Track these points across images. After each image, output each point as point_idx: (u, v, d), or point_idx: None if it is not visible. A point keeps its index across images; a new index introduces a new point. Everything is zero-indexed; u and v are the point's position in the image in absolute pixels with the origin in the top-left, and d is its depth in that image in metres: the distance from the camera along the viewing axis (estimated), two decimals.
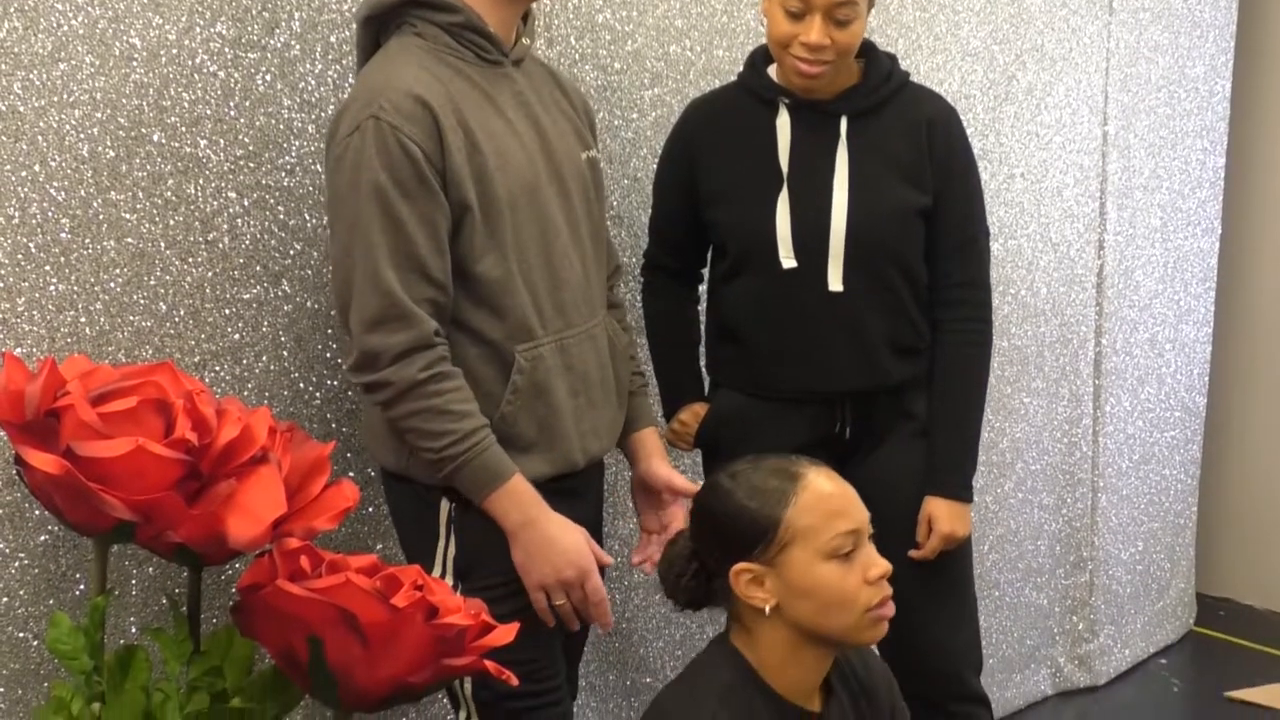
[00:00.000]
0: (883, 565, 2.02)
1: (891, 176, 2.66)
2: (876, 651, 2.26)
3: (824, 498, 2.02)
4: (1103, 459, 4.47)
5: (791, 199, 2.64)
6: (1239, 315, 5.10)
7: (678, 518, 2.57)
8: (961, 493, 2.72)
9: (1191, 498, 4.95)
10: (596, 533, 2.57)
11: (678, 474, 2.59)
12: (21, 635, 2.31)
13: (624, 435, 2.59)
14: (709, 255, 2.85)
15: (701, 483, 2.51)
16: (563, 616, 2.32)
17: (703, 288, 2.93)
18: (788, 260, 2.63)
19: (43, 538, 2.31)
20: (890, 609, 2.03)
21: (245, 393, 2.50)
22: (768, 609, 2.01)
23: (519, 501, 2.26)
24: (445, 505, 2.31)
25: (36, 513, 2.29)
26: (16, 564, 2.29)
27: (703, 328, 2.90)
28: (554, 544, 2.28)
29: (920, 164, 2.67)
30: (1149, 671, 4.69)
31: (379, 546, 2.71)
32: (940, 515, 2.69)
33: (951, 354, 2.74)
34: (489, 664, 2.08)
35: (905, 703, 2.79)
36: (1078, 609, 4.51)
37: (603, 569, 2.35)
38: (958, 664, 2.81)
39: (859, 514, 2.04)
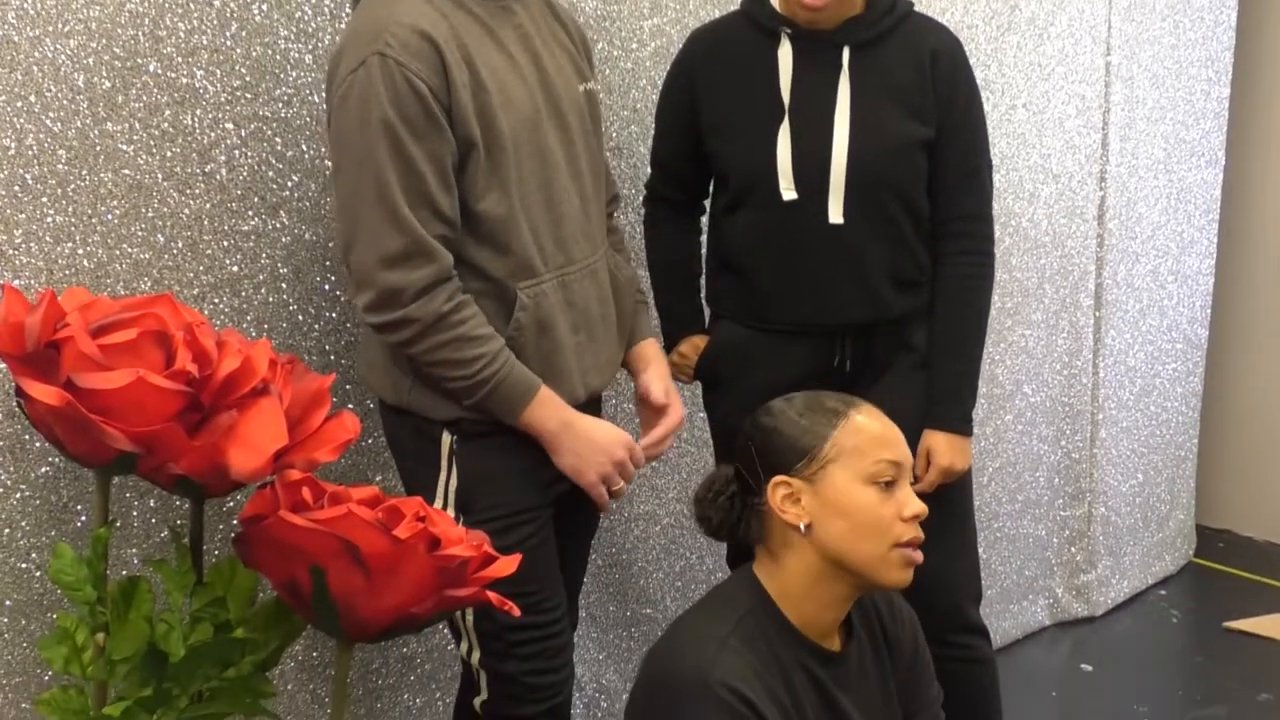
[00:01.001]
0: (919, 506, 2.04)
1: (894, 108, 2.64)
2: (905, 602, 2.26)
3: (868, 426, 2.05)
4: (1103, 391, 4.47)
5: (793, 131, 2.62)
6: (1242, 247, 5.09)
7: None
8: (961, 426, 2.72)
9: (1192, 430, 4.96)
10: None
11: (658, 384, 2.57)
12: (24, 566, 2.31)
13: (625, 348, 2.59)
14: (710, 187, 2.83)
15: (672, 403, 2.55)
16: (615, 496, 2.40)
17: (704, 220, 2.91)
18: (788, 192, 2.62)
19: (44, 469, 2.31)
20: (919, 555, 2.04)
21: (244, 325, 2.49)
22: (802, 526, 2.01)
23: (551, 409, 2.29)
24: (447, 438, 2.31)
25: (38, 445, 2.29)
26: (18, 495, 2.29)
27: (703, 260, 2.89)
28: (594, 438, 2.34)
29: (923, 96, 2.65)
30: (1148, 602, 4.72)
31: (379, 478, 2.71)
32: (939, 449, 2.69)
33: (952, 286, 2.73)
34: (491, 595, 2.08)
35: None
36: (1076, 540, 4.53)
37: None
38: (956, 595, 2.82)
39: (904, 451, 2.06)
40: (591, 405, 2.51)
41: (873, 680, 2.12)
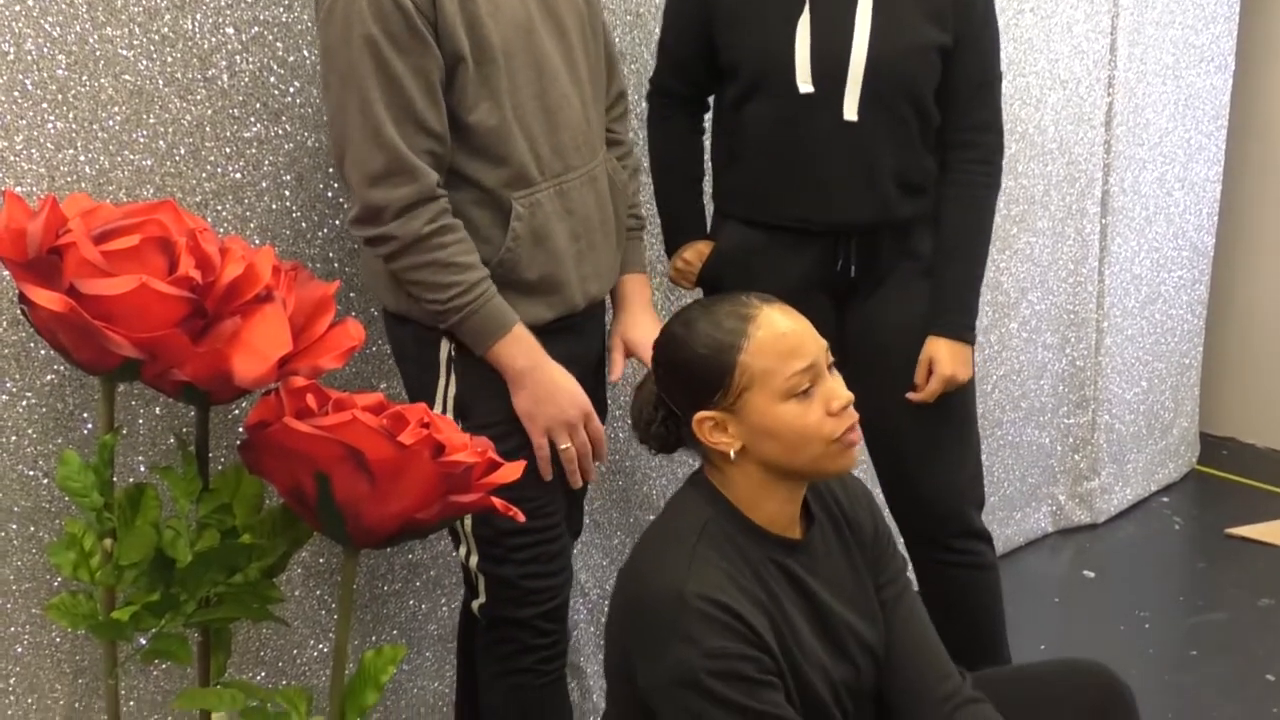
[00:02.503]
0: (844, 396, 2.01)
1: (915, 10, 2.61)
2: (857, 475, 2.27)
3: (777, 337, 1.99)
4: (1108, 299, 4.46)
5: (813, 23, 2.59)
6: (1250, 154, 5.06)
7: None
8: (964, 333, 2.71)
9: (1197, 338, 4.95)
10: (599, 370, 2.58)
11: (618, 340, 2.54)
12: (31, 473, 2.32)
13: None
14: (718, 84, 2.79)
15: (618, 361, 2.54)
16: (565, 463, 2.34)
17: (707, 121, 2.88)
18: (804, 85, 2.59)
19: (49, 377, 2.31)
20: (856, 435, 2.02)
21: (247, 232, 2.48)
22: (733, 454, 2.01)
23: (522, 349, 2.28)
24: (445, 345, 2.32)
25: (43, 352, 2.29)
26: (24, 403, 2.30)
27: (708, 159, 2.86)
28: (558, 387, 2.30)
29: (943, 2, 2.63)
30: (1150, 509, 4.74)
31: (383, 386, 2.72)
32: (942, 357, 2.69)
33: (960, 195, 2.72)
34: (496, 501, 2.09)
35: (908, 541, 2.83)
36: (1080, 448, 4.54)
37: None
38: (959, 501, 2.83)
39: (814, 348, 2.01)
40: (593, 313, 2.50)
41: (838, 560, 2.14)
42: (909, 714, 2.14)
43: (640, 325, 2.54)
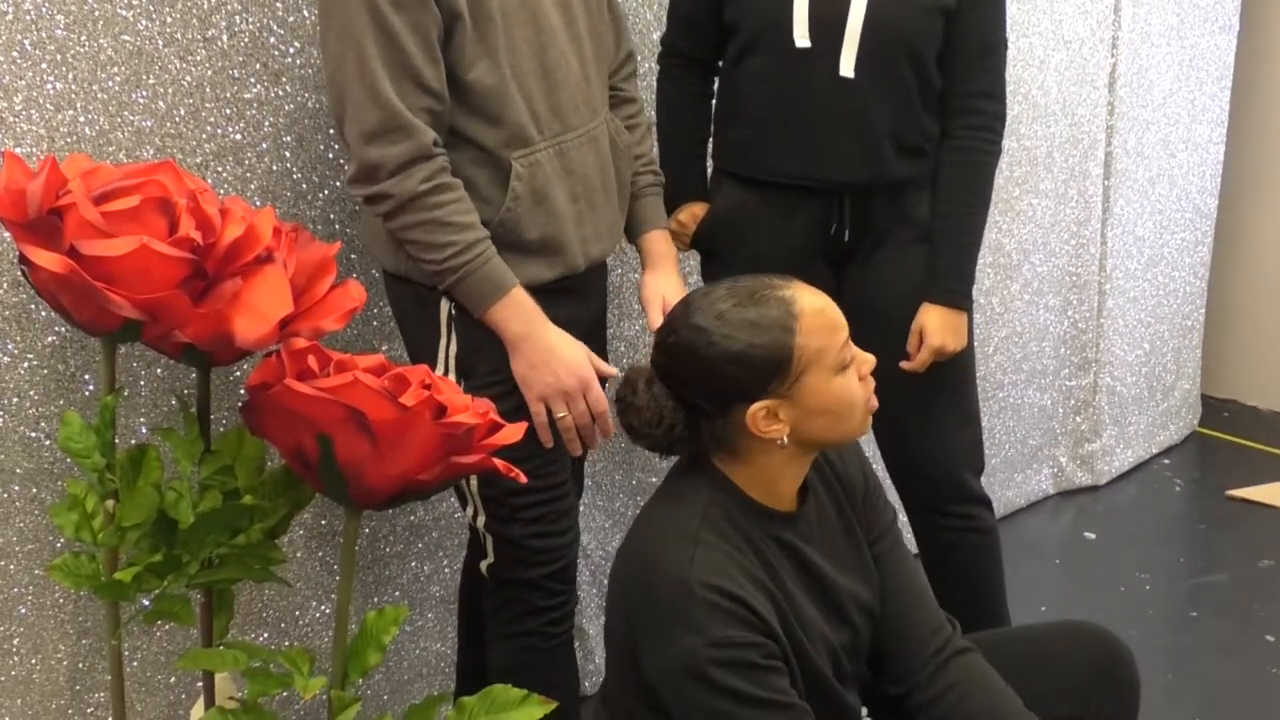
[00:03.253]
0: (870, 359, 2.03)
1: None
2: None
3: (819, 313, 1.97)
4: (1111, 261, 4.46)
5: None
6: (1254, 115, 5.04)
7: None
8: (960, 300, 2.71)
9: (1199, 300, 4.95)
10: (601, 333, 2.58)
11: (657, 299, 2.54)
12: (33, 435, 2.33)
13: (634, 235, 2.59)
14: (725, 45, 2.78)
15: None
16: (562, 431, 2.33)
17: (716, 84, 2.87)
18: (801, 39, 2.58)
19: (50, 339, 2.31)
20: (875, 400, 2.05)
21: (248, 193, 2.48)
22: (784, 439, 1.99)
23: (520, 312, 2.26)
24: (445, 305, 2.31)
25: (43, 314, 2.29)
26: (25, 365, 2.30)
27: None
28: (555, 354, 2.28)
29: None
30: (1151, 471, 4.74)
31: (385, 348, 2.72)
32: (933, 327, 2.67)
33: (959, 161, 2.71)
34: (497, 462, 2.09)
35: (907, 507, 2.83)
36: (1081, 410, 4.54)
37: (604, 380, 2.36)
38: (957, 467, 2.83)
39: (843, 317, 2.01)
40: (595, 274, 2.50)
41: (833, 525, 2.15)
42: (898, 664, 2.15)
43: (675, 284, 2.56)
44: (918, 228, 2.72)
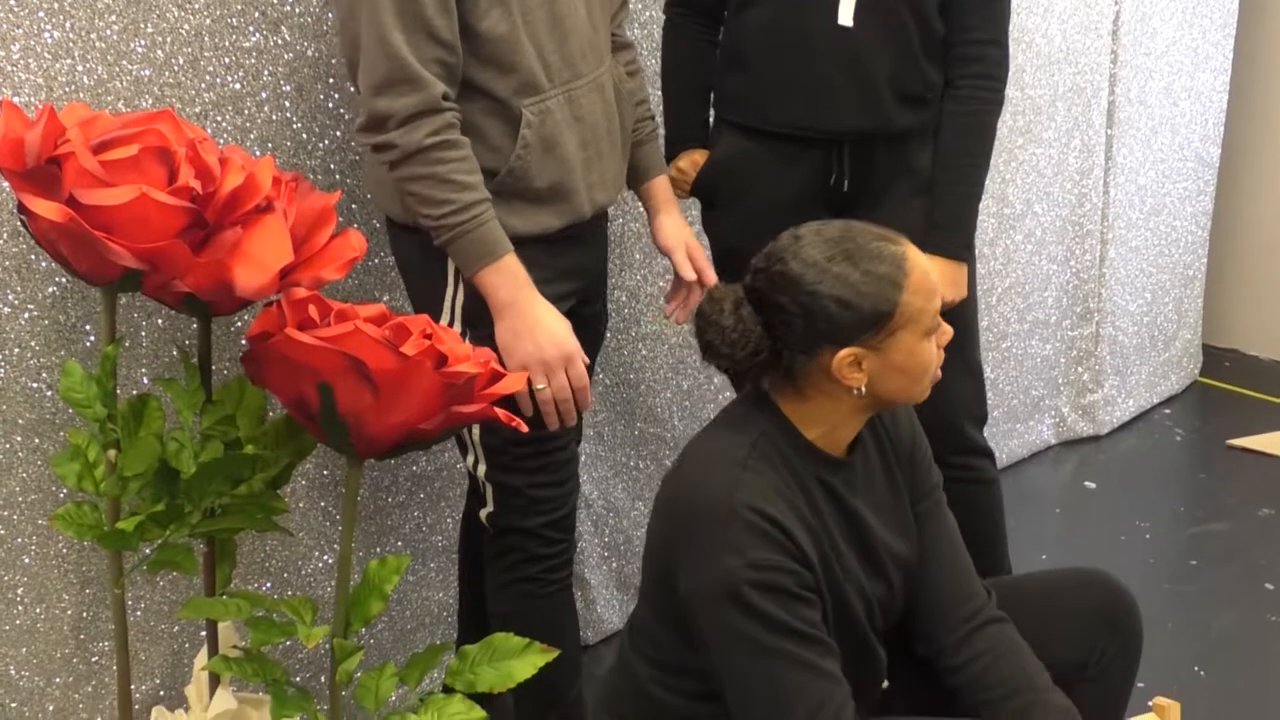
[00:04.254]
0: (950, 331, 2.06)
1: None
2: None
3: (925, 275, 2.00)
4: (1113, 210, 4.44)
5: None
6: (1257, 63, 5.02)
7: (708, 269, 2.60)
8: (960, 252, 2.70)
9: (1201, 249, 4.94)
10: (602, 282, 2.58)
11: (680, 243, 2.56)
12: (35, 386, 2.33)
13: (637, 182, 2.58)
14: None
15: (702, 271, 2.54)
16: (540, 404, 2.30)
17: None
18: None
19: (51, 289, 2.31)
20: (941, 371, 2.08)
21: (247, 143, 2.47)
22: (861, 389, 2.01)
23: (509, 279, 2.25)
24: None
25: (44, 264, 2.29)
26: (26, 315, 2.29)
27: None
28: (540, 324, 2.27)
29: None
30: (1152, 421, 4.75)
31: (385, 298, 2.71)
32: None
33: (960, 111, 2.69)
34: (498, 411, 2.09)
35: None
36: (1083, 360, 4.54)
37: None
38: (958, 417, 2.83)
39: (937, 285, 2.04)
40: (599, 222, 2.50)
41: (880, 480, 2.16)
42: (930, 626, 2.16)
43: (687, 227, 2.59)
44: (919, 179, 2.71)
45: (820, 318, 1.97)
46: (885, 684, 2.20)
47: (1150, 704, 2.48)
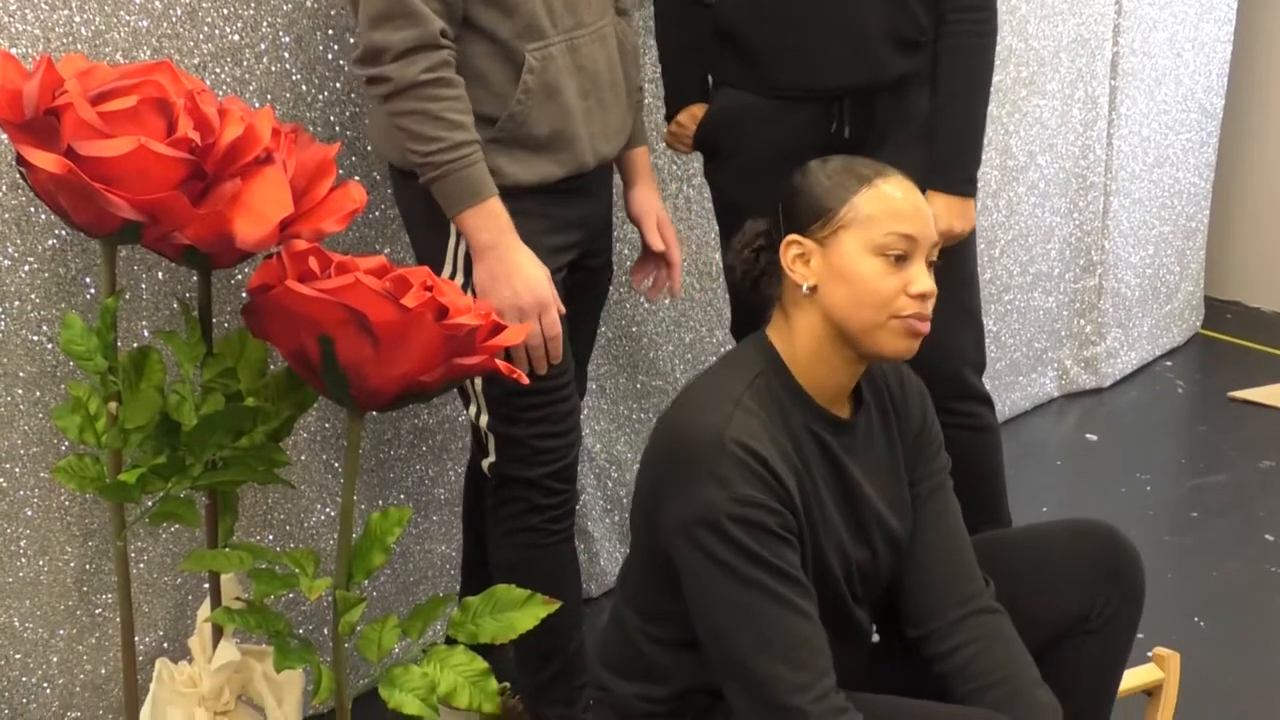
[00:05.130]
0: (928, 285, 2.02)
1: None
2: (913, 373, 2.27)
3: (893, 198, 2.01)
4: (1116, 162, 4.43)
5: None
6: (1261, 14, 4.99)
7: (676, 244, 2.61)
8: (964, 187, 2.69)
9: (1204, 201, 4.92)
10: (606, 233, 2.57)
11: (651, 214, 2.57)
12: (35, 339, 2.32)
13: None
14: None
15: (669, 245, 2.57)
16: (511, 352, 2.31)
17: None
18: None
19: (51, 242, 2.30)
20: (925, 326, 2.03)
21: (247, 95, 2.46)
22: (805, 287, 2.01)
23: (491, 222, 2.24)
24: None
25: (43, 217, 2.28)
26: (26, 268, 2.29)
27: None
28: (518, 270, 2.26)
29: None
30: (1154, 373, 4.75)
31: (386, 250, 2.71)
32: (939, 211, 2.65)
33: (954, 47, 2.68)
34: (499, 363, 2.09)
35: None
36: (1086, 312, 4.54)
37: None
38: (958, 363, 2.83)
39: (924, 228, 2.02)
40: (603, 173, 2.49)
41: (880, 449, 2.14)
42: (918, 609, 2.14)
43: (656, 198, 2.59)
44: (919, 122, 2.70)
45: (785, 205, 2.06)
46: (876, 638, 2.19)
47: (1150, 655, 2.50)
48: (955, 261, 2.72)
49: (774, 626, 1.91)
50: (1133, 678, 2.43)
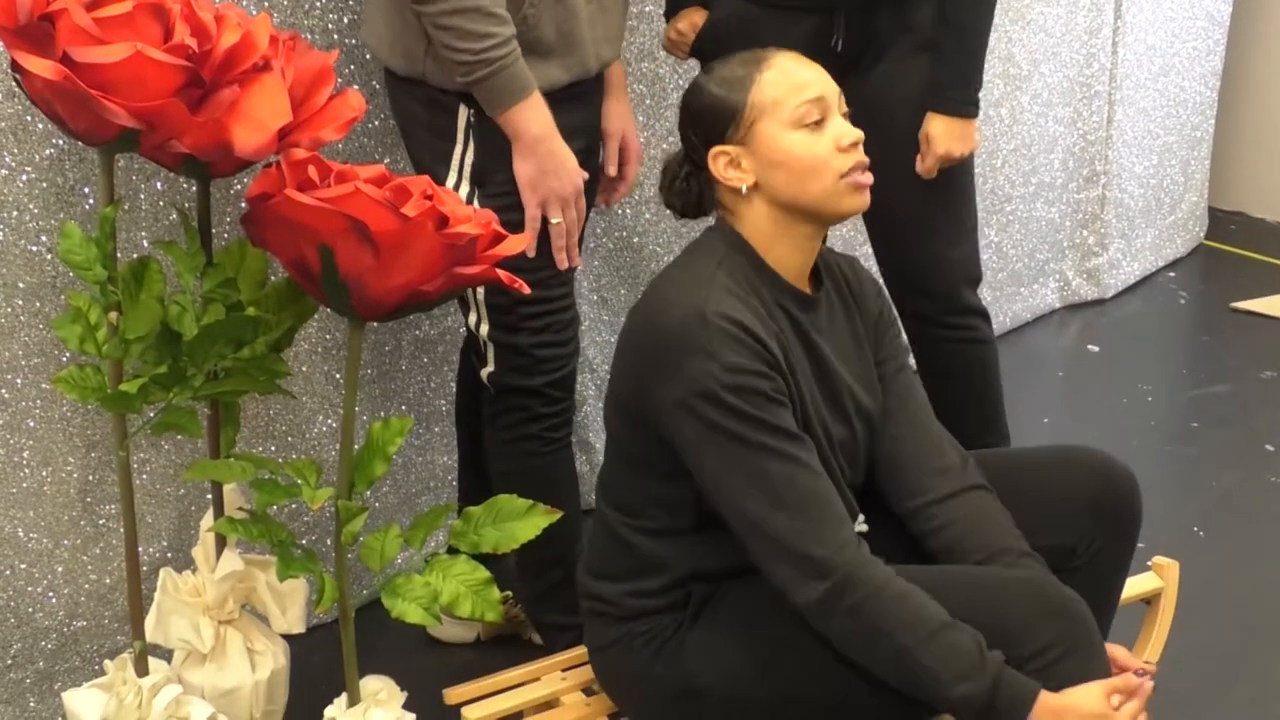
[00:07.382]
0: (854, 133, 2.05)
1: None
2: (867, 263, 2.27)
3: (787, 72, 2.06)
4: (1121, 70, 4.39)
5: None
6: None
7: (633, 168, 2.62)
8: (966, 108, 2.66)
9: (1210, 110, 4.89)
10: (597, 137, 2.55)
11: (617, 136, 2.56)
12: (34, 249, 2.31)
13: None
14: None
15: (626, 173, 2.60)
16: (555, 236, 2.34)
17: None
18: None
19: (48, 151, 2.29)
20: (868, 177, 2.06)
21: (243, 1, 2.43)
22: (745, 188, 2.05)
23: (539, 115, 2.25)
24: (464, 111, 2.28)
25: (40, 126, 2.26)
26: (24, 177, 2.28)
27: None
28: (563, 161, 2.29)
29: None
30: (1157, 284, 4.74)
31: (385, 160, 2.69)
32: (938, 134, 2.64)
33: None
34: (501, 273, 2.08)
35: (903, 316, 2.81)
36: (1089, 223, 4.52)
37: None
38: (953, 278, 2.81)
39: (824, 85, 2.07)
40: (599, 81, 2.47)
41: (842, 328, 2.16)
42: (900, 488, 2.15)
43: (628, 115, 2.59)
44: (919, 35, 2.66)
45: (696, 127, 2.09)
46: (865, 528, 2.18)
47: (1149, 564, 2.50)
48: (950, 177, 2.71)
49: (785, 483, 1.93)
50: (1132, 586, 2.43)
